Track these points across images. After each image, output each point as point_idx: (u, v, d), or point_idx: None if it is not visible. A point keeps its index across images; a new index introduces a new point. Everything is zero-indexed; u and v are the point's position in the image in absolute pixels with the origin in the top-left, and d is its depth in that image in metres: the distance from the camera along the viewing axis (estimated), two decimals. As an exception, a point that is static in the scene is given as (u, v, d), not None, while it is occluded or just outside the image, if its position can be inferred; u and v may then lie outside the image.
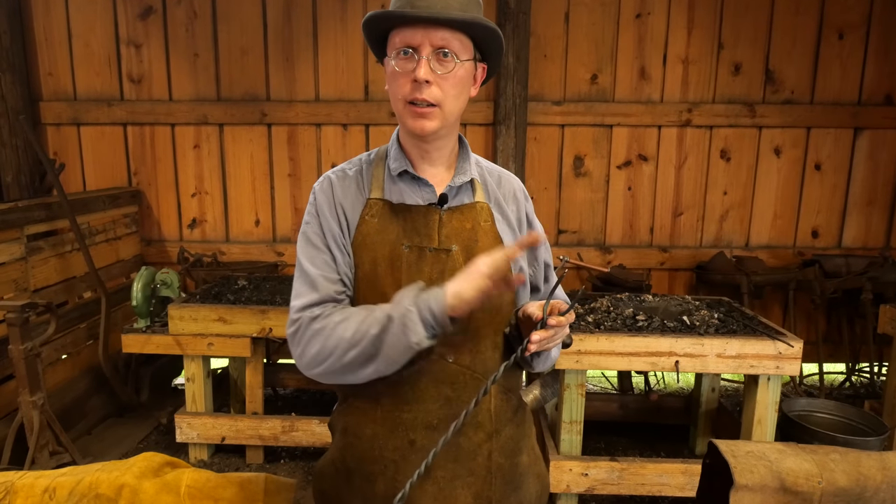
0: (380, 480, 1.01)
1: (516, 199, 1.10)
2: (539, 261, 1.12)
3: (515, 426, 1.08)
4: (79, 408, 2.67)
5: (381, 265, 0.99)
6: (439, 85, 0.95)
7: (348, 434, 1.06)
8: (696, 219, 3.27)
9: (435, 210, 1.01)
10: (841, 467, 0.98)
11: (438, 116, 0.96)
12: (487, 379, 1.00)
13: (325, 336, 0.94)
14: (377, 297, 0.98)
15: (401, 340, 0.90)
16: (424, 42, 0.93)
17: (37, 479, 1.11)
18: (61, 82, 3.19)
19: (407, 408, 1.00)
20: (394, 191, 1.02)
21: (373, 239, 1.00)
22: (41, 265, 2.54)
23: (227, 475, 1.13)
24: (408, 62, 0.94)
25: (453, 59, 0.94)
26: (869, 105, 3.12)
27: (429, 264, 0.99)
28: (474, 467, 1.02)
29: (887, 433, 2.16)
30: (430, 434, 0.99)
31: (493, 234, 1.03)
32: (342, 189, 1.04)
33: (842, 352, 3.21)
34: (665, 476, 2.14)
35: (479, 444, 1.02)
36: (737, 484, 0.97)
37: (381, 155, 1.08)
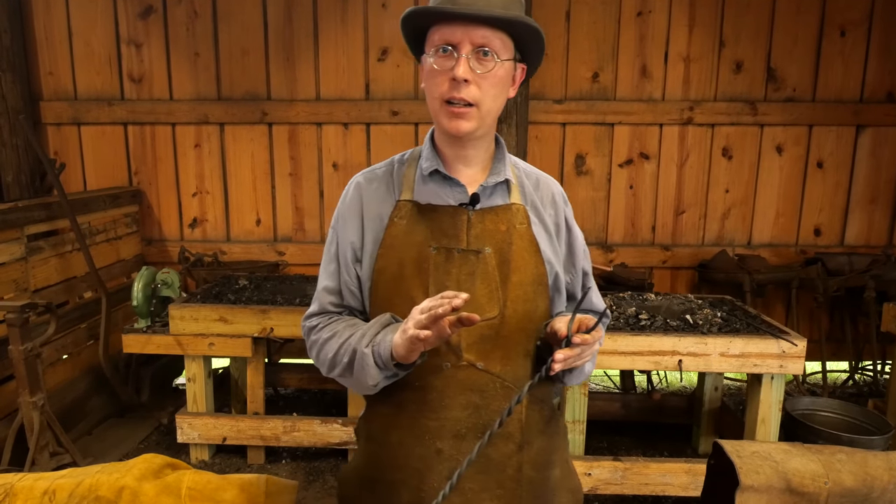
0: (404, 490, 0.99)
1: (555, 203, 1.07)
2: (577, 267, 1.09)
3: (547, 438, 1.04)
4: (79, 408, 2.66)
5: (408, 267, 0.97)
6: (478, 84, 0.92)
7: (373, 441, 1.04)
8: (698, 217, 3.26)
9: (463, 210, 0.98)
10: (847, 468, 0.97)
11: (475, 117, 0.94)
12: (517, 388, 0.97)
13: (317, 349, 1.02)
14: (404, 299, 0.96)
15: (362, 377, 0.93)
16: (464, 40, 0.90)
17: (36, 480, 1.10)
18: (62, 82, 3.19)
19: (433, 415, 0.97)
20: (423, 191, 1.00)
21: (401, 241, 0.98)
22: (41, 265, 2.53)
23: (228, 477, 1.12)
24: (446, 60, 0.92)
25: (493, 58, 0.92)
26: (871, 102, 3.12)
27: (457, 266, 0.96)
28: (503, 480, 0.98)
29: (891, 432, 2.16)
30: (458, 443, 0.96)
31: (529, 237, 1.00)
32: (370, 191, 1.03)
33: (845, 350, 3.20)
34: (668, 475, 2.13)
35: (508, 455, 0.98)
36: (742, 485, 0.96)
37: (414, 155, 1.06)
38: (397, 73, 3.16)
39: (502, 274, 0.97)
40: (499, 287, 0.96)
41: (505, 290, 0.96)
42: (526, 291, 0.98)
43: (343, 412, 2.55)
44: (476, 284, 0.96)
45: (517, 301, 0.97)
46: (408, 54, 3.15)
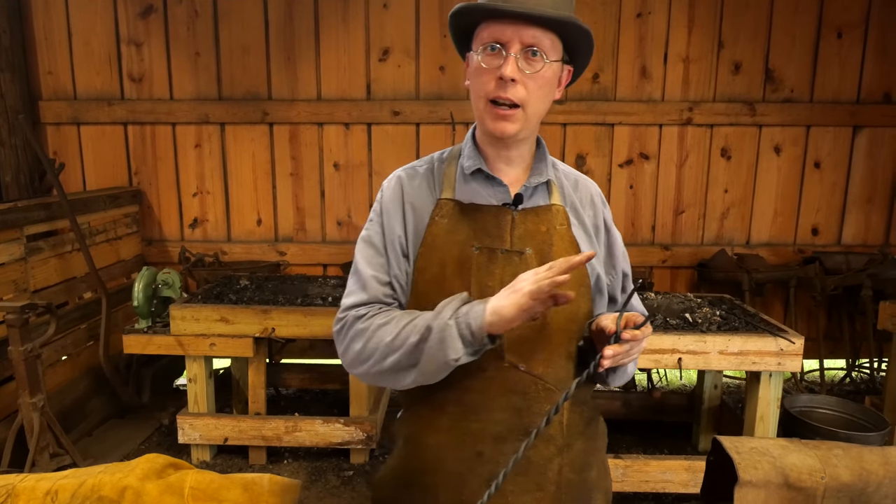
0: (442, 493, 0.97)
1: (594, 204, 1.06)
2: (617, 269, 1.07)
3: (587, 440, 1.03)
4: (79, 409, 2.65)
5: (450, 267, 0.95)
6: (525, 84, 0.90)
7: (411, 443, 1.02)
8: (698, 217, 3.28)
9: (507, 210, 0.97)
10: (844, 462, 0.99)
11: (521, 119, 0.93)
12: (559, 390, 0.96)
13: (366, 337, 0.93)
14: (444, 298, 0.93)
15: (438, 355, 0.87)
16: (514, 38, 0.89)
17: (38, 481, 1.10)
18: (61, 81, 3.17)
19: (475, 417, 0.95)
20: (465, 190, 0.99)
21: (442, 240, 0.97)
22: (41, 266, 2.52)
23: (231, 476, 1.12)
24: (494, 58, 0.90)
25: (542, 58, 0.90)
26: (868, 103, 3.15)
27: (500, 266, 0.95)
28: (543, 482, 0.97)
29: (888, 428, 2.18)
30: (499, 446, 0.94)
31: (569, 239, 0.99)
32: (411, 188, 1.01)
33: (842, 348, 3.23)
34: (668, 473, 2.15)
35: (549, 458, 0.97)
36: (741, 480, 0.97)
37: (454, 154, 1.04)
38: (398, 74, 3.16)
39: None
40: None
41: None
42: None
43: (345, 412, 2.55)
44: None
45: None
46: (409, 54, 3.15)
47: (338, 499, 2.27)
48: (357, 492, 2.31)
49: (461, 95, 3.16)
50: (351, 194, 3.27)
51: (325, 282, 2.79)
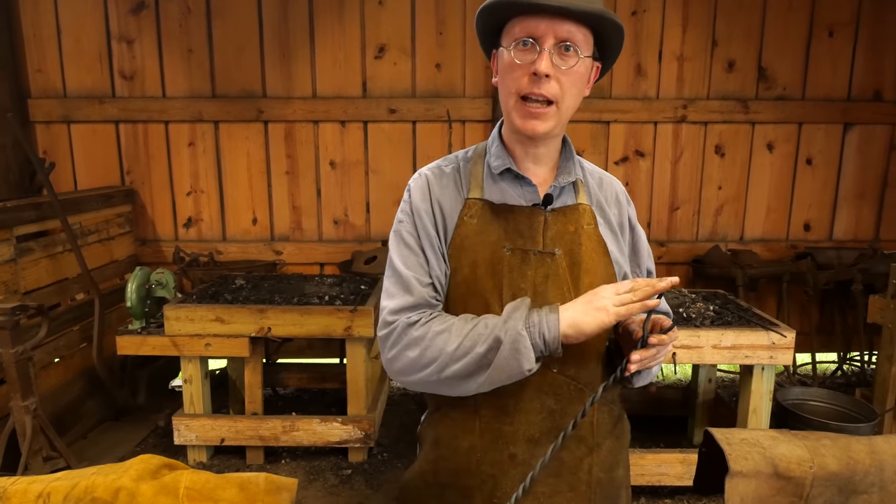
0: (476, 496, 0.96)
1: (619, 202, 1.05)
2: (642, 268, 1.07)
3: (615, 439, 1.03)
4: (73, 412, 2.62)
5: (482, 268, 0.94)
6: (559, 80, 0.88)
7: (441, 446, 1.00)
8: (692, 213, 3.31)
9: (540, 211, 0.96)
10: (832, 452, 1.00)
11: (553, 117, 0.91)
12: (591, 390, 0.96)
13: (424, 345, 0.90)
14: (478, 301, 0.93)
15: (511, 365, 0.85)
16: (548, 33, 0.87)
17: (30, 484, 1.08)
18: (51, 79, 3.12)
19: (508, 420, 0.94)
20: (494, 190, 0.97)
21: (472, 241, 0.95)
22: (32, 266, 2.48)
23: (227, 476, 1.11)
24: (527, 53, 0.88)
25: (576, 53, 0.88)
26: (858, 101, 3.19)
27: (532, 268, 0.94)
28: (575, 482, 0.97)
29: (877, 419, 2.22)
30: (532, 448, 0.94)
31: (597, 238, 0.98)
32: (439, 187, 0.99)
33: (834, 341, 3.28)
34: (664, 466, 2.17)
35: (580, 458, 0.97)
36: (732, 471, 0.98)
37: (479, 152, 1.02)
38: (395, 71, 3.15)
39: (573, 276, 0.95)
40: (570, 289, 0.94)
41: (577, 292, 0.94)
42: None
43: (343, 411, 2.54)
44: (549, 287, 0.94)
45: None
46: (405, 52, 3.14)
47: (336, 498, 2.26)
48: (356, 490, 2.31)
49: (457, 93, 3.16)
50: (347, 193, 3.26)
51: (321, 281, 2.77)
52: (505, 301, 0.92)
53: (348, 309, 2.34)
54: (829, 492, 0.98)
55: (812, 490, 0.97)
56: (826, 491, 0.98)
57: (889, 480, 0.99)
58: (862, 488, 0.98)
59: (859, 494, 0.98)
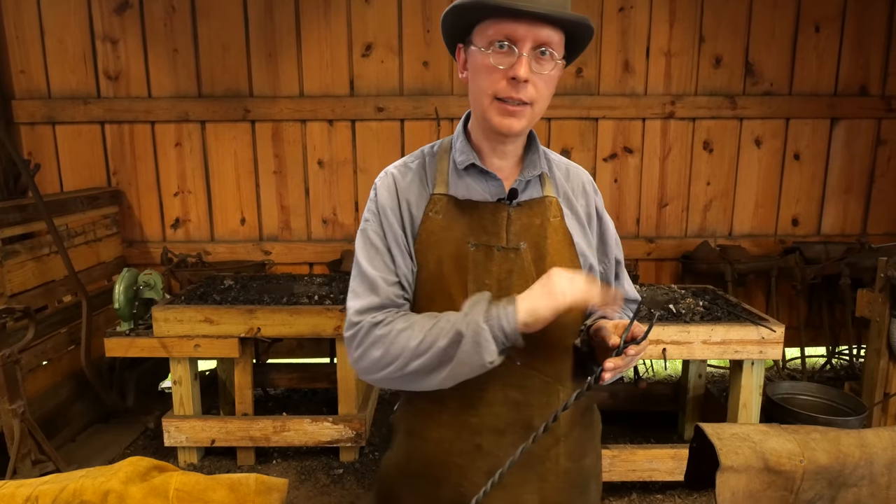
0: (445, 486, 0.99)
1: (585, 192, 1.05)
2: (610, 257, 1.07)
3: (583, 428, 1.05)
4: (62, 415, 2.60)
5: (447, 264, 0.94)
6: (535, 84, 0.89)
7: (413, 436, 1.03)
8: (681, 209, 3.32)
9: (503, 206, 0.96)
10: (821, 446, 1.00)
11: (528, 116, 0.91)
12: (557, 383, 0.97)
13: (387, 343, 0.91)
14: (443, 297, 0.94)
15: (473, 359, 0.86)
16: (527, 37, 0.86)
17: (18, 487, 1.08)
18: (34, 80, 3.09)
19: (473, 411, 0.96)
20: (459, 185, 0.97)
21: (438, 237, 0.96)
22: (18, 269, 2.46)
23: (217, 477, 1.11)
24: (505, 57, 0.87)
25: (552, 58, 0.89)
26: (844, 96, 3.21)
27: (497, 264, 0.94)
28: (543, 472, 0.99)
29: (866, 413, 2.24)
30: (498, 439, 0.96)
31: (563, 231, 0.99)
32: (405, 184, 0.99)
33: (822, 336, 3.30)
34: (655, 461, 2.18)
35: (548, 448, 0.99)
36: (722, 465, 0.99)
37: (445, 147, 1.02)
38: (382, 69, 3.14)
39: (538, 270, 0.95)
40: (535, 283, 0.92)
41: None
42: None
43: (333, 410, 2.54)
44: (514, 282, 0.94)
45: None
46: (392, 50, 3.13)
47: (328, 497, 2.26)
48: (347, 490, 2.31)
49: (445, 91, 3.15)
50: (336, 192, 3.24)
51: (310, 280, 2.76)
52: (470, 296, 0.92)
53: (338, 308, 2.33)
54: (819, 485, 0.98)
55: (802, 483, 0.98)
56: (816, 484, 0.98)
57: (878, 473, 0.99)
58: (851, 481, 0.99)
59: (849, 487, 0.99)
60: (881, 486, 1.00)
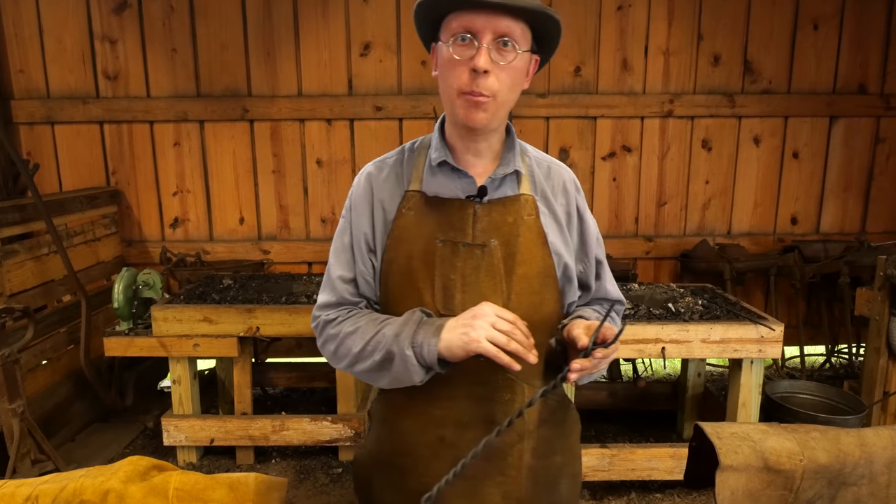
0: (411, 475, 1.01)
1: (566, 191, 1.04)
2: (590, 257, 1.07)
3: (552, 426, 1.05)
4: (61, 414, 2.61)
5: (416, 259, 0.97)
6: (496, 75, 0.89)
7: (385, 426, 1.07)
8: (680, 208, 3.32)
9: (470, 203, 0.97)
10: (821, 445, 1.00)
11: (492, 108, 0.91)
12: (521, 380, 0.98)
13: (337, 343, 0.99)
14: (412, 291, 0.97)
15: (403, 376, 0.92)
16: (486, 28, 0.87)
17: (18, 487, 1.08)
18: (33, 80, 3.09)
19: (438, 404, 0.99)
20: (432, 183, 0.99)
21: (409, 232, 0.98)
22: (17, 269, 2.46)
23: (216, 476, 1.11)
24: (466, 49, 0.88)
25: (514, 48, 0.89)
26: (843, 94, 3.20)
27: (462, 260, 0.96)
28: (505, 467, 1.00)
29: (865, 411, 2.24)
30: (461, 432, 0.98)
31: (537, 229, 0.99)
32: (380, 181, 1.01)
33: (821, 334, 3.30)
34: (654, 460, 2.18)
35: (510, 444, 0.99)
36: (722, 465, 0.98)
37: (424, 144, 1.04)
38: (380, 68, 3.14)
39: (507, 267, 0.96)
40: (503, 280, 0.95)
41: (510, 282, 0.96)
42: (531, 284, 0.97)
43: (332, 409, 2.54)
44: (481, 278, 0.95)
45: (522, 294, 0.96)
46: (391, 49, 3.13)
47: (327, 496, 2.27)
48: (346, 489, 2.31)
49: (444, 90, 3.15)
50: (334, 191, 3.25)
51: (309, 280, 2.77)
52: (437, 291, 0.95)
53: (335, 308, 2.33)
54: (818, 484, 0.98)
55: (802, 483, 0.98)
56: (816, 483, 0.98)
57: (878, 472, 0.99)
58: (851, 480, 0.99)
59: (849, 486, 0.99)
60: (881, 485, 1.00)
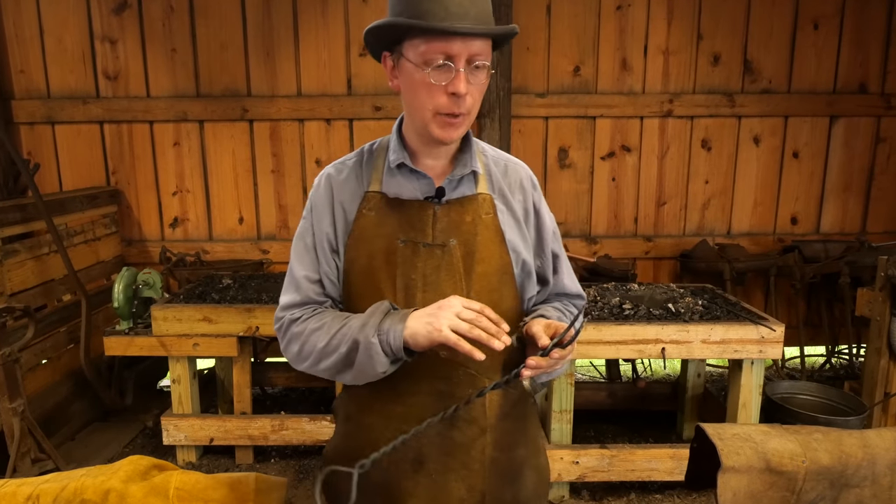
0: (374, 471, 1.01)
1: (523, 188, 1.07)
2: (547, 252, 1.09)
3: (513, 420, 1.07)
4: (61, 413, 2.61)
5: (377, 259, 0.99)
6: (471, 94, 0.93)
7: (350, 422, 1.08)
8: (679, 208, 3.31)
9: (430, 204, 1.00)
10: (824, 446, 1.00)
11: (466, 124, 0.96)
12: (482, 375, 1.00)
13: (301, 341, 0.99)
14: (373, 290, 0.98)
15: (368, 366, 0.92)
16: (462, 53, 0.89)
17: (19, 486, 1.08)
18: (34, 80, 3.10)
19: (400, 400, 1.01)
20: (391, 184, 1.01)
21: (370, 233, 0.99)
22: (17, 268, 2.47)
23: (217, 476, 1.12)
24: (443, 73, 0.90)
25: (485, 67, 0.92)
26: (843, 93, 3.19)
27: (422, 260, 0.98)
28: (468, 461, 1.02)
29: (866, 412, 2.23)
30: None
31: (495, 227, 1.01)
32: (339, 183, 1.03)
33: (821, 335, 3.29)
34: (654, 461, 2.17)
35: (472, 438, 1.02)
36: (724, 466, 0.98)
37: (383, 145, 1.05)
38: (379, 68, 3.12)
39: (466, 265, 0.98)
40: (463, 278, 0.98)
41: (469, 281, 0.98)
42: (490, 281, 1.00)
43: (331, 409, 2.54)
44: (441, 277, 0.98)
45: (482, 291, 0.99)
46: (389, 49, 3.13)
47: (325, 496, 2.27)
48: (344, 488, 2.31)
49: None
50: (334, 191, 3.25)
51: (309, 279, 2.76)
52: (398, 291, 0.97)
53: (334, 307, 2.34)
54: (820, 486, 0.98)
55: (804, 484, 0.98)
56: (818, 485, 0.98)
57: (881, 474, 0.99)
58: (854, 482, 0.99)
59: (851, 488, 0.99)
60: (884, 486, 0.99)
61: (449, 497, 1.02)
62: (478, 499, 1.03)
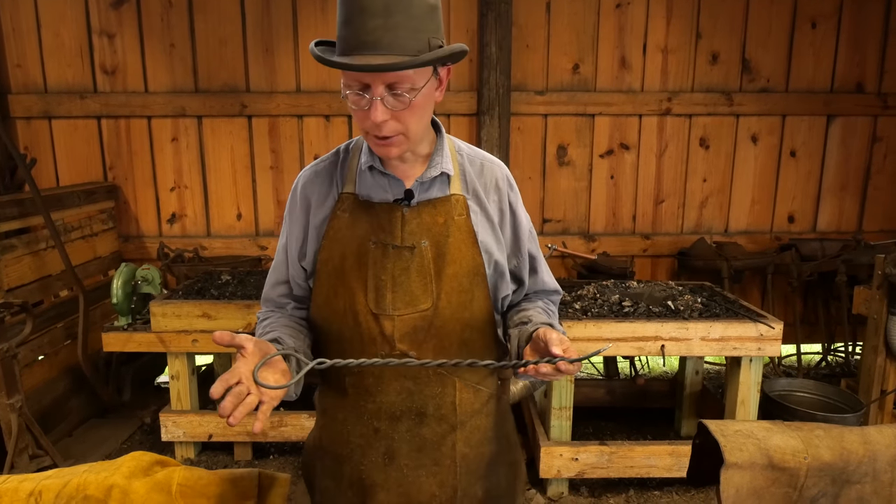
0: (347, 463, 1.07)
1: (498, 188, 1.06)
2: (523, 252, 1.09)
3: (484, 417, 1.09)
4: (59, 409, 2.60)
5: (350, 260, 1.00)
6: (397, 118, 0.89)
7: (326, 416, 1.11)
8: (677, 206, 3.32)
9: (398, 207, 0.99)
10: (825, 443, 1.00)
11: (403, 143, 0.93)
12: (449, 374, 1.02)
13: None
14: (346, 290, 1.00)
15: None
16: (376, 82, 0.86)
17: (21, 482, 1.08)
18: (31, 74, 3.08)
19: (371, 398, 1.03)
20: (363, 185, 1.01)
21: (343, 234, 1.01)
22: (14, 264, 2.45)
23: (220, 472, 1.11)
24: (361, 100, 0.88)
25: (410, 91, 0.88)
26: (841, 93, 3.21)
27: (392, 261, 0.99)
28: (438, 457, 1.04)
29: (863, 410, 2.24)
30: (394, 424, 1.03)
31: (467, 229, 1.00)
32: (313, 185, 1.04)
33: (818, 333, 3.31)
34: (653, 458, 2.18)
35: (442, 435, 1.04)
36: (727, 462, 0.98)
37: (358, 146, 1.05)
38: (379, 65, 3.13)
39: (437, 267, 0.99)
40: (433, 280, 0.99)
41: (439, 282, 0.98)
42: (461, 283, 1.00)
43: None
44: (411, 278, 0.98)
45: (451, 293, 0.99)
46: (389, 45, 3.12)
47: (324, 492, 2.27)
48: (343, 484, 2.31)
49: (443, 87, 3.15)
50: (333, 187, 3.24)
51: (308, 276, 2.76)
52: (369, 291, 0.99)
53: (333, 303, 2.33)
54: (822, 482, 0.99)
55: (806, 481, 0.98)
56: (820, 482, 0.98)
57: (881, 470, 1.00)
58: (855, 478, 0.99)
59: (852, 485, 0.99)
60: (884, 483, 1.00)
61: (420, 492, 1.04)
62: (449, 494, 1.05)
